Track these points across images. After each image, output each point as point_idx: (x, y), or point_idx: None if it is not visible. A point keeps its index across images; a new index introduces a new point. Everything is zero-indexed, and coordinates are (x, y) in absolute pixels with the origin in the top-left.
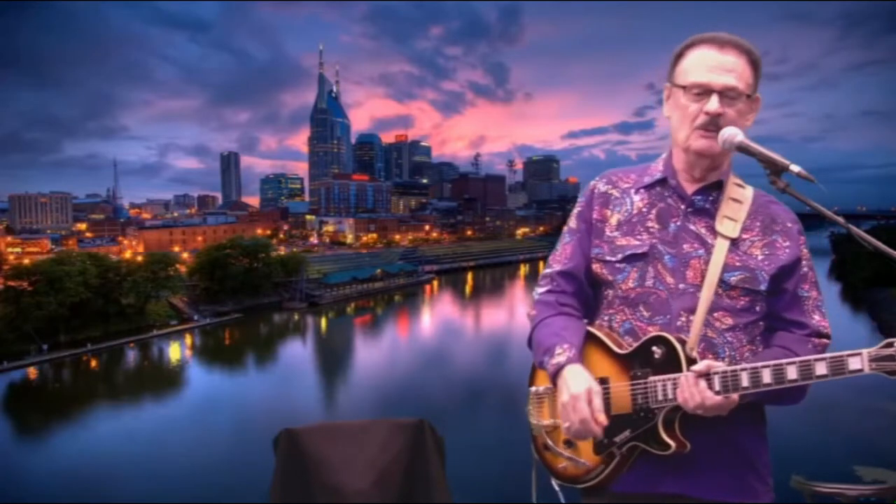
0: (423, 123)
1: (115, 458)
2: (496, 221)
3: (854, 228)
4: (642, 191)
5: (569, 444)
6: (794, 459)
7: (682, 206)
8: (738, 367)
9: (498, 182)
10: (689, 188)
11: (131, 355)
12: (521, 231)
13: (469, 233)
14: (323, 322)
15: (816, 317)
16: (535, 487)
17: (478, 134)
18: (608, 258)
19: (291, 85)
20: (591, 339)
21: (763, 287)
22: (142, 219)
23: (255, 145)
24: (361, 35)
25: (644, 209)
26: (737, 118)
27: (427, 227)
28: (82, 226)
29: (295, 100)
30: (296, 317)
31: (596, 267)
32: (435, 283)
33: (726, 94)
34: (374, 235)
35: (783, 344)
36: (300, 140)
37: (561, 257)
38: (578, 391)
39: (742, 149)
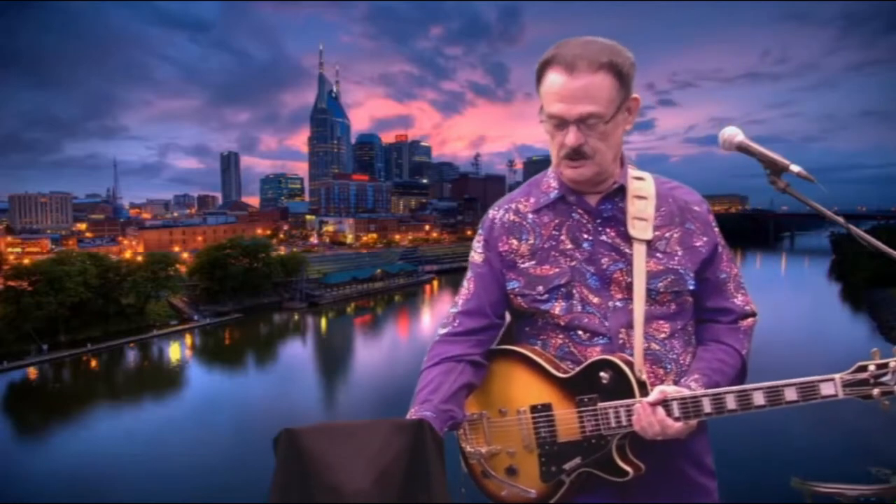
0: (423, 123)
1: (115, 458)
2: None
3: (854, 228)
4: (545, 210)
5: (511, 471)
6: (795, 459)
7: (591, 220)
8: (698, 393)
9: (498, 182)
10: (593, 199)
11: (131, 355)
12: None
13: (469, 233)
14: (323, 322)
15: (739, 297)
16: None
17: (478, 134)
18: (527, 292)
19: (291, 85)
20: (525, 362)
21: (691, 286)
22: (142, 219)
23: (255, 145)
24: (361, 35)
25: (554, 232)
26: (601, 141)
27: (427, 227)
28: (82, 226)
29: (295, 100)
30: (296, 317)
31: (516, 301)
32: (435, 283)
33: (584, 121)
34: (374, 235)
35: (714, 337)
36: (300, 140)
37: (464, 295)
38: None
39: (742, 149)
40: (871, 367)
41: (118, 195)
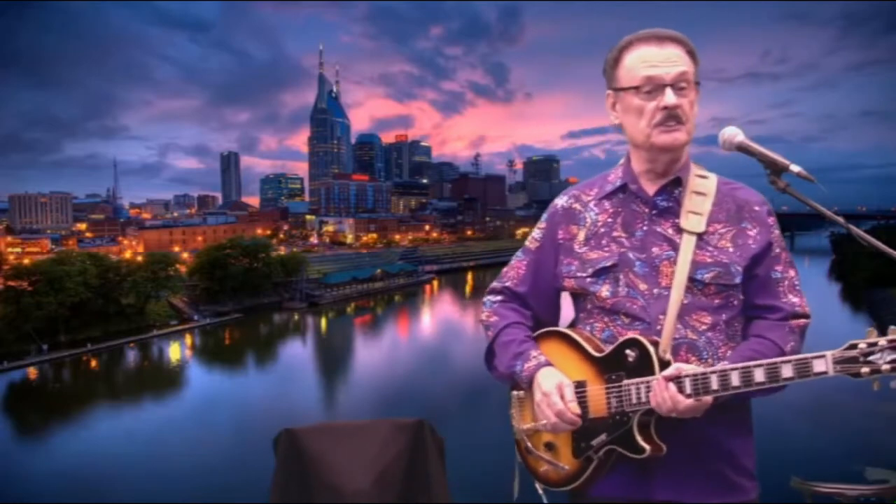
0: (423, 123)
1: (115, 458)
2: (496, 221)
3: (854, 228)
4: (605, 201)
5: (549, 447)
6: (795, 459)
7: (647, 210)
8: (707, 369)
9: (498, 182)
10: (651, 190)
11: (131, 355)
12: (521, 231)
13: (469, 233)
14: (323, 322)
15: (792, 297)
16: (517, 489)
17: (478, 134)
18: (579, 274)
19: (291, 85)
20: (567, 341)
21: (738, 280)
22: (142, 219)
23: (255, 145)
24: (361, 35)
25: (609, 220)
26: (691, 108)
27: (427, 227)
28: (82, 226)
29: (295, 100)
30: (296, 317)
31: (568, 283)
32: (435, 283)
33: (678, 84)
34: (374, 235)
35: (757, 332)
36: (300, 140)
37: (515, 276)
38: (550, 388)
39: (742, 149)
40: (862, 346)
41: (118, 195)
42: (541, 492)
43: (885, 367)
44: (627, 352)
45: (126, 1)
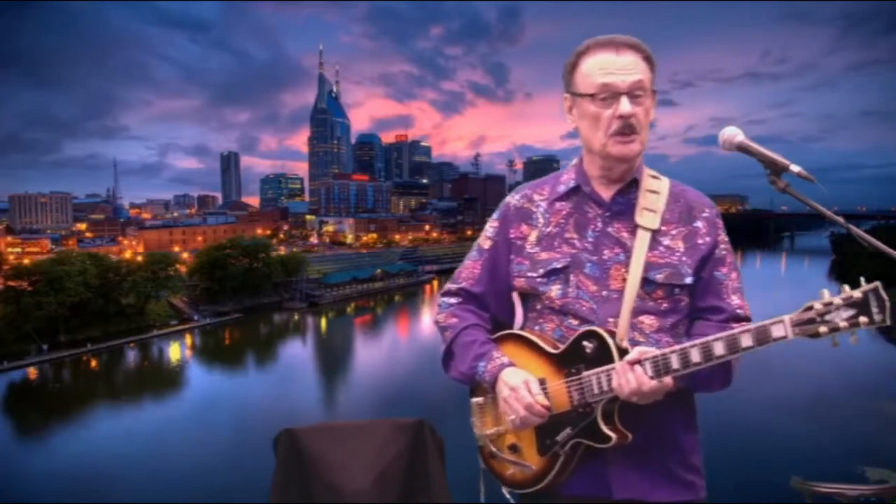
0: (423, 123)
1: (115, 458)
2: None
3: (854, 228)
4: (557, 202)
5: (513, 449)
6: (795, 459)
7: (600, 212)
8: (667, 350)
9: (498, 182)
10: (606, 193)
11: (131, 355)
12: None
13: (469, 233)
14: (323, 322)
15: (734, 299)
16: (483, 493)
17: (478, 134)
18: (530, 274)
19: (291, 85)
20: (523, 342)
21: (688, 280)
22: (142, 219)
23: (255, 145)
24: (361, 35)
25: (562, 221)
26: (646, 116)
27: (427, 227)
28: (82, 226)
29: (295, 100)
30: (296, 317)
31: (519, 282)
32: (435, 283)
33: (633, 92)
34: (374, 235)
35: (702, 333)
36: (300, 140)
37: (470, 276)
38: (517, 383)
39: (742, 149)
40: (818, 306)
41: (118, 195)
42: (508, 495)
43: (843, 324)
44: (585, 343)
45: (126, 1)
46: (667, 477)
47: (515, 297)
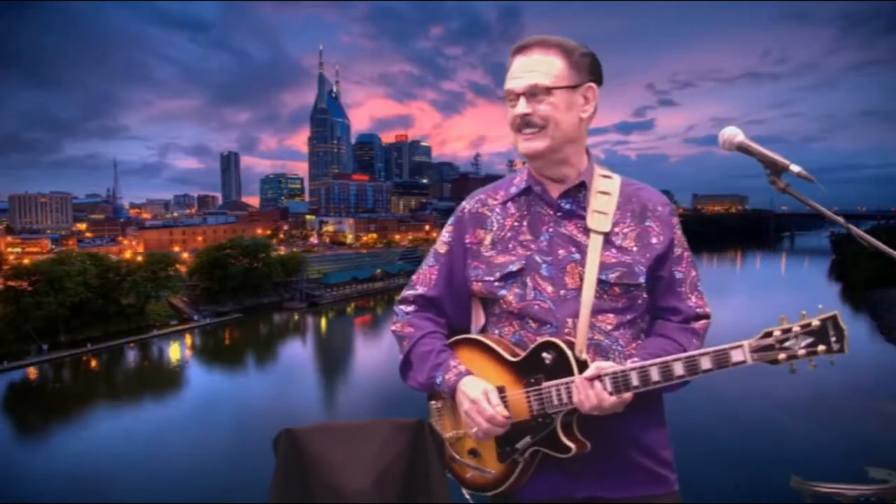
0: (423, 123)
1: (115, 458)
2: None
3: (854, 228)
4: (510, 204)
5: (473, 453)
6: (795, 459)
7: (552, 212)
8: (627, 367)
9: None
10: (555, 192)
11: (131, 355)
12: None
13: None
14: (323, 322)
15: (693, 299)
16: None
17: (478, 134)
18: (486, 278)
19: (291, 85)
20: (480, 347)
21: (641, 280)
22: (142, 219)
23: (255, 145)
24: (361, 35)
25: (516, 223)
26: (553, 112)
27: (427, 227)
28: (82, 226)
29: (295, 100)
30: (296, 317)
31: (476, 287)
32: None
33: (530, 93)
34: (374, 235)
35: (662, 333)
36: (300, 140)
37: (427, 281)
38: (477, 395)
39: (742, 149)
40: (777, 333)
41: (118, 195)
42: (468, 497)
43: (801, 352)
44: (544, 355)
45: (126, 1)
46: (633, 473)
47: (475, 301)
